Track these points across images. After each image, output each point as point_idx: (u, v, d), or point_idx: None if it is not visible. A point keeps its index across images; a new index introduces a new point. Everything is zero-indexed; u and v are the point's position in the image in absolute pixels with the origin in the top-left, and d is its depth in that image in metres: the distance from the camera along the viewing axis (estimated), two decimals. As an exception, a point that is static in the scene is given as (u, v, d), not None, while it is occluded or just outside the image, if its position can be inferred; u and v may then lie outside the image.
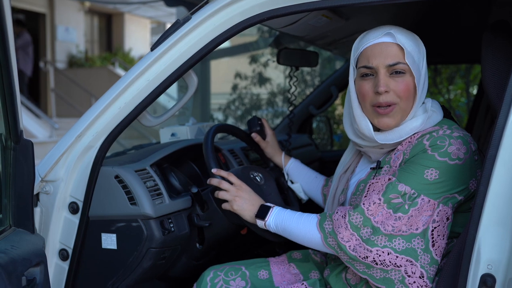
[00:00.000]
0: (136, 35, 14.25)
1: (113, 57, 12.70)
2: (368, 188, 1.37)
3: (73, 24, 12.27)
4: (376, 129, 1.45)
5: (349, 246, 1.32)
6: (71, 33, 12.21)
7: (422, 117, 1.41)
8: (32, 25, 11.51)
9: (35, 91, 11.32)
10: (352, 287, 1.45)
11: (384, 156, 1.45)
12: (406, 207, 1.29)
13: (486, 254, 1.16)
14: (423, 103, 1.45)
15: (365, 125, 1.43)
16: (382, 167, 1.43)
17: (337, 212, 1.38)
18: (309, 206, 2.10)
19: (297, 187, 1.94)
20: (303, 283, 1.51)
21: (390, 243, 1.29)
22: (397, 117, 1.40)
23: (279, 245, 2.26)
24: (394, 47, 1.37)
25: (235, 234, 1.89)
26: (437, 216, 1.29)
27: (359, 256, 1.31)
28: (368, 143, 1.47)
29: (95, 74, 11.62)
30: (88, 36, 13.34)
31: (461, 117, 5.42)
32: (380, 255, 1.29)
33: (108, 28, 14.07)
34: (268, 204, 1.55)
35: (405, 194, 1.30)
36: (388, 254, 1.29)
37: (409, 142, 1.39)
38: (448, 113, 1.51)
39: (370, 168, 1.47)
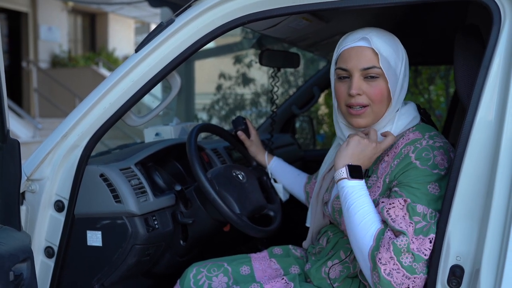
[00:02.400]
0: (120, 35, 14.20)
1: (97, 57, 12.65)
2: (389, 213, 1.30)
3: (56, 24, 12.19)
4: None
5: (384, 269, 1.25)
6: (54, 33, 12.13)
7: (401, 120, 1.46)
8: (15, 25, 11.43)
9: (17, 91, 11.24)
10: (332, 281, 1.51)
11: (372, 163, 1.47)
12: (433, 227, 1.27)
13: (455, 246, 1.23)
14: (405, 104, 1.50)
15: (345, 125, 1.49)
16: (369, 176, 1.45)
17: (387, 231, 1.29)
18: (290, 205, 2.16)
19: (278, 187, 2.00)
20: (283, 278, 1.56)
21: (424, 268, 1.26)
22: (369, 119, 1.43)
23: (261, 242, 2.31)
24: (369, 51, 1.40)
25: (218, 231, 1.94)
26: None
27: (394, 282, 1.25)
28: None
29: (79, 74, 11.57)
30: (72, 35, 13.26)
31: (441, 117, 5.52)
32: (415, 282, 1.25)
33: (92, 28, 14.01)
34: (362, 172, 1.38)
35: (425, 214, 1.28)
36: (420, 279, 1.26)
37: (394, 152, 1.41)
38: (427, 116, 1.55)
39: None
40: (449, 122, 3.43)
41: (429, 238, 1.26)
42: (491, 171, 1.19)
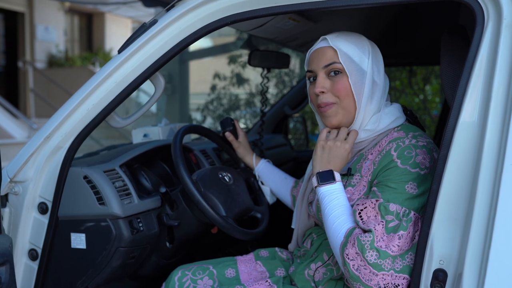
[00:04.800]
0: (117, 35, 14.18)
1: (93, 57, 12.62)
2: (360, 215, 1.32)
3: (53, 24, 12.16)
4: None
5: (353, 265, 1.27)
6: (51, 33, 12.10)
7: (384, 119, 1.46)
8: (11, 25, 11.41)
9: (13, 91, 11.21)
10: (316, 284, 1.49)
11: (355, 161, 1.48)
12: (404, 224, 1.28)
13: (438, 250, 1.21)
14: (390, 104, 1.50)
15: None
16: (353, 174, 1.46)
17: (357, 228, 1.32)
18: (278, 207, 2.14)
19: (265, 189, 1.98)
20: (267, 281, 1.54)
21: (393, 265, 1.26)
22: (338, 116, 1.45)
23: (251, 244, 2.30)
24: (329, 49, 1.45)
25: (205, 233, 1.92)
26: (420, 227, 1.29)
27: (362, 278, 1.27)
28: None
29: (75, 74, 11.54)
30: (69, 35, 13.24)
31: (438, 117, 5.50)
32: (385, 279, 1.26)
33: (89, 28, 13.98)
34: (337, 176, 1.42)
35: (398, 213, 1.29)
36: (391, 276, 1.26)
37: (378, 150, 1.42)
38: (414, 117, 1.55)
39: (340, 175, 1.48)
40: (442, 122, 3.43)
41: (398, 235, 1.27)
42: (474, 173, 1.17)
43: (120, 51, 1.55)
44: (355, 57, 1.44)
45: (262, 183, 2.00)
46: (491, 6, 1.19)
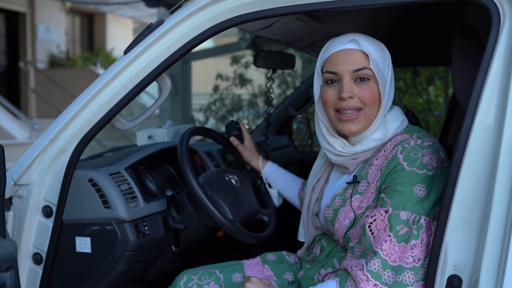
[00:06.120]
0: (118, 35, 14.16)
1: (95, 57, 12.60)
2: (371, 228, 1.29)
3: (54, 24, 12.13)
4: (343, 136, 1.47)
5: None
6: (52, 33, 12.08)
7: (391, 125, 1.42)
8: (12, 25, 11.38)
9: (15, 91, 11.19)
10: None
11: (360, 168, 1.45)
12: (415, 232, 1.24)
13: (452, 255, 1.18)
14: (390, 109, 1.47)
15: (336, 143, 1.45)
16: (359, 182, 1.42)
17: (352, 269, 1.27)
18: (285, 210, 2.12)
19: (272, 193, 1.95)
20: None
21: (417, 276, 1.22)
22: (362, 124, 1.40)
23: (257, 247, 2.27)
24: (359, 53, 1.38)
25: (211, 236, 1.90)
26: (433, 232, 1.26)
27: None
28: (342, 158, 1.46)
29: (77, 74, 11.51)
30: (70, 36, 13.21)
31: (441, 117, 5.48)
32: None
33: (90, 28, 13.95)
34: None
35: (408, 220, 1.25)
36: None
37: (383, 155, 1.39)
38: (416, 119, 1.53)
39: (346, 183, 1.46)
40: (448, 123, 3.40)
41: (410, 245, 1.24)
42: (490, 177, 1.15)
43: (126, 52, 1.53)
44: (380, 64, 1.39)
45: (270, 186, 1.97)
46: (507, 6, 1.16)
